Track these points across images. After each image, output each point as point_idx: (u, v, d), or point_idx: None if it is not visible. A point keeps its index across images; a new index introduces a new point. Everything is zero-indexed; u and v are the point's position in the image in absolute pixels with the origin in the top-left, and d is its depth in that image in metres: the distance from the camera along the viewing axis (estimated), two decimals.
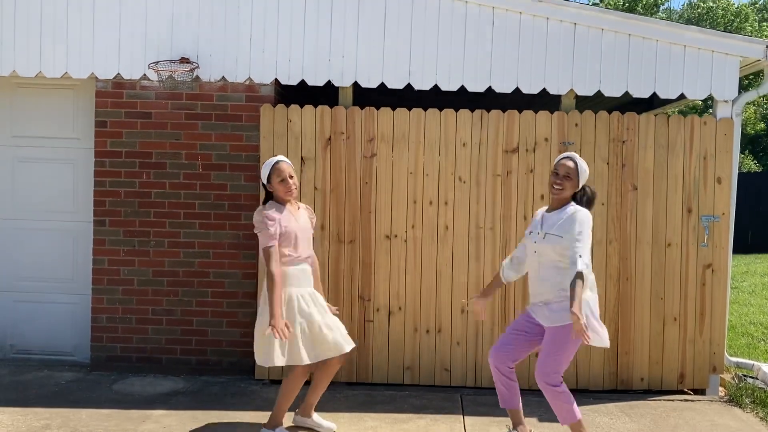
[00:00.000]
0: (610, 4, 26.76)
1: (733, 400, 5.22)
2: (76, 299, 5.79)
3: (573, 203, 4.01)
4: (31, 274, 5.82)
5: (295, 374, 4.24)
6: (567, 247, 3.85)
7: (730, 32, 6.68)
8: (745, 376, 5.59)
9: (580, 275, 3.74)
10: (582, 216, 3.91)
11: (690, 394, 5.42)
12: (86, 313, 5.69)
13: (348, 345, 4.29)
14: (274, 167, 4.20)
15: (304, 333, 4.16)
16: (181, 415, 4.69)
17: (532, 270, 4.09)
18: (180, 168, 5.52)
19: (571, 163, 3.98)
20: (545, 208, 4.17)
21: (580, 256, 3.78)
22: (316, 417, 4.45)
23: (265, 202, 4.27)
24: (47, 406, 4.79)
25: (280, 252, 4.14)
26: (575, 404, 3.96)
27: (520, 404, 4.22)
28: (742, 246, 14.86)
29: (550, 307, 3.95)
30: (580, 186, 4.03)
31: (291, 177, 4.21)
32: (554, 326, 3.93)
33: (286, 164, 4.24)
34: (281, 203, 4.23)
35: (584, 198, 4.04)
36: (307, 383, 4.46)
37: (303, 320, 4.17)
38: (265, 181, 4.25)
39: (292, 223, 4.20)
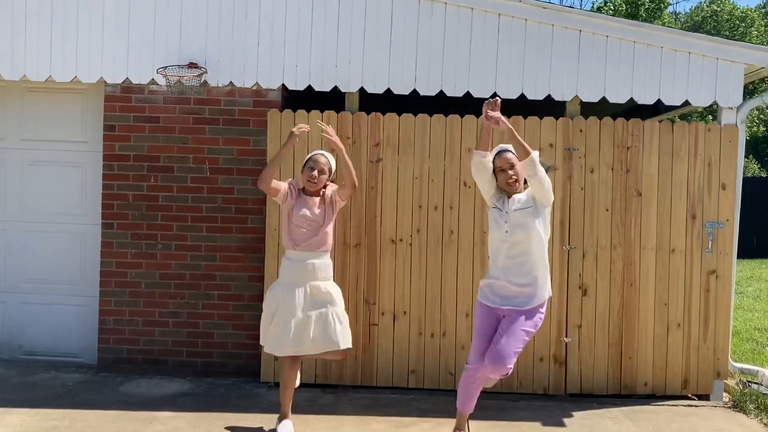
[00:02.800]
0: (611, 10, 26.74)
1: (738, 405, 5.23)
2: (84, 301, 5.84)
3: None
4: (39, 276, 5.88)
5: (283, 366, 4.42)
6: (539, 214, 4.05)
7: (736, 37, 6.70)
8: (749, 382, 5.59)
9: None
10: None
11: (694, 399, 5.44)
12: (93, 315, 5.74)
13: (341, 345, 4.33)
14: (312, 157, 4.41)
15: (288, 325, 4.25)
16: (187, 416, 4.73)
17: (502, 257, 4.08)
18: (187, 172, 5.57)
19: (509, 154, 4.09)
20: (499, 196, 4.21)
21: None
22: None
23: None
24: (55, 407, 4.84)
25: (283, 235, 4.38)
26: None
27: None
28: (746, 251, 14.82)
29: (525, 292, 4.03)
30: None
31: (322, 172, 4.34)
32: (528, 308, 4.04)
33: (320, 155, 4.40)
34: (306, 193, 4.38)
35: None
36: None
37: (288, 313, 4.26)
38: (301, 170, 4.46)
39: (300, 211, 4.29)
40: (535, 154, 3.95)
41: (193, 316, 5.60)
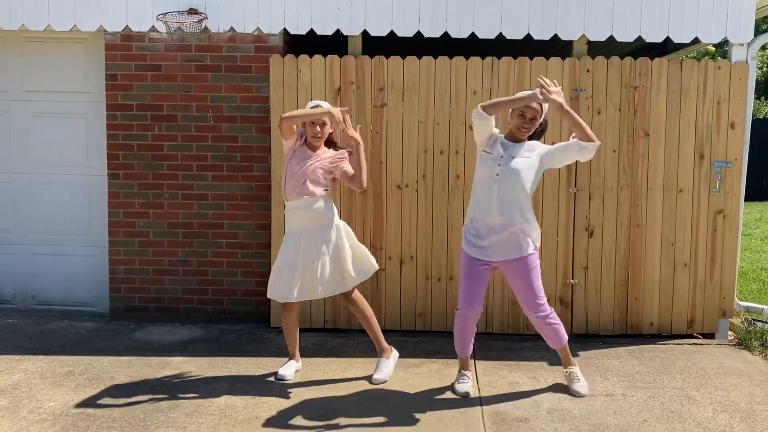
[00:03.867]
0: None
1: (742, 343, 5.28)
2: (94, 251, 5.90)
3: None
4: (48, 227, 5.93)
5: (282, 311, 4.47)
6: (535, 168, 4.04)
7: None
8: (755, 320, 5.63)
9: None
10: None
11: (699, 338, 5.49)
12: (104, 265, 5.81)
13: (349, 285, 4.39)
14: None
15: (292, 272, 4.27)
16: (199, 361, 4.82)
17: (494, 200, 4.01)
18: (191, 120, 5.54)
19: (537, 106, 4.01)
20: (500, 135, 4.15)
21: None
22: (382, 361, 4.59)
23: None
24: (70, 354, 4.94)
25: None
26: (563, 328, 4.24)
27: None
28: (755, 193, 14.76)
29: (515, 239, 4.03)
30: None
31: (324, 125, 4.27)
32: (525, 256, 4.05)
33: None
34: (310, 148, 4.32)
35: (539, 129, 4.14)
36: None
37: (291, 261, 4.28)
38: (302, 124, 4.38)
39: (294, 165, 4.27)
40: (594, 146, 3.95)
41: (202, 264, 5.65)
